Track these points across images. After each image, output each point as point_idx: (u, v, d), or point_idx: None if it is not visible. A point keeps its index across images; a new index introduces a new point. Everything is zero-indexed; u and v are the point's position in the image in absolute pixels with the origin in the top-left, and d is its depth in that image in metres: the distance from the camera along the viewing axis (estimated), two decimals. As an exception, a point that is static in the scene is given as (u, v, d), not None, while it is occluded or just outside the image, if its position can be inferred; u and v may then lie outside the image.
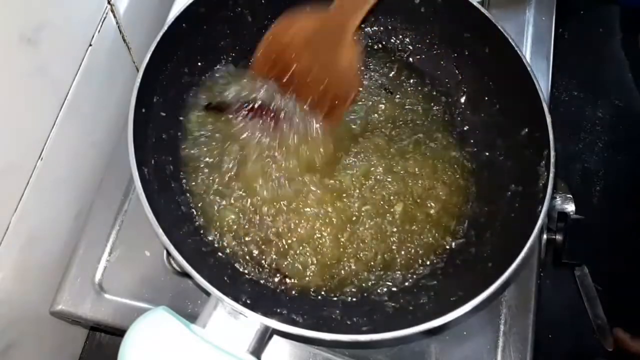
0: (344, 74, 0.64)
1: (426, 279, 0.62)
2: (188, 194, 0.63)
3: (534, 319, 0.65)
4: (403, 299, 0.59)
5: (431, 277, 0.62)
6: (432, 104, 0.71)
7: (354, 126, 0.69)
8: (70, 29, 0.63)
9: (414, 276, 0.62)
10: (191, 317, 0.51)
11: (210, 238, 0.62)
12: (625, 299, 1.12)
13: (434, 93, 0.72)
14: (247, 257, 0.61)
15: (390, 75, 0.72)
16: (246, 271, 0.61)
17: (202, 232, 0.62)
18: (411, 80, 0.73)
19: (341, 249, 0.63)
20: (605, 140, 1.29)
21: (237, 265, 0.61)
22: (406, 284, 0.62)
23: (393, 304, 0.59)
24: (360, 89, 0.69)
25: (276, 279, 0.61)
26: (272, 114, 0.66)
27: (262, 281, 0.60)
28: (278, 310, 0.53)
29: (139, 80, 0.57)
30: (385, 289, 0.61)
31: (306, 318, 0.54)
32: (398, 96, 0.72)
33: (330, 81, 0.64)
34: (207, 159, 0.65)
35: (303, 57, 0.64)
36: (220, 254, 0.61)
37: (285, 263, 0.61)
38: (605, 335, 1.06)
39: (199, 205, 0.63)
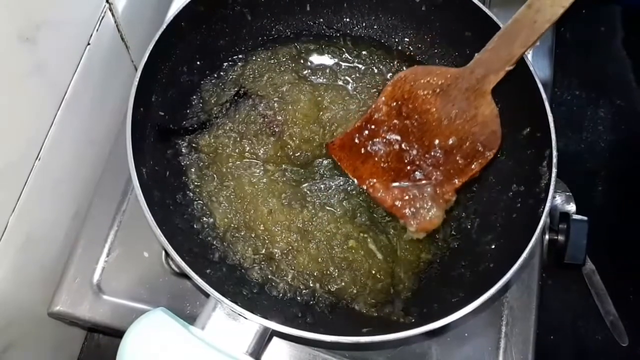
0: (480, 130, 0.60)
1: (427, 279, 0.61)
2: (187, 194, 0.63)
3: (535, 320, 0.65)
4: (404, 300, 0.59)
5: (432, 277, 0.61)
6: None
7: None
8: (69, 28, 0.63)
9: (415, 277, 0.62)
10: (190, 318, 0.50)
11: (209, 239, 0.61)
12: (625, 299, 1.12)
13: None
14: (247, 258, 0.61)
15: (390, 75, 0.72)
16: (246, 272, 0.60)
17: (201, 232, 0.61)
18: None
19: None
20: (607, 140, 1.29)
21: (236, 266, 0.60)
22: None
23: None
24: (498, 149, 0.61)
25: (276, 280, 0.60)
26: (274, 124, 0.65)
27: (261, 282, 0.60)
28: (276, 312, 0.53)
29: (137, 79, 0.57)
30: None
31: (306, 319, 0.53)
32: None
33: (462, 136, 0.61)
34: (206, 159, 0.65)
35: (432, 107, 0.62)
36: (219, 255, 0.61)
37: (285, 267, 0.61)
38: (619, 331, 1.05)
39: (198, 205, 0.63)
